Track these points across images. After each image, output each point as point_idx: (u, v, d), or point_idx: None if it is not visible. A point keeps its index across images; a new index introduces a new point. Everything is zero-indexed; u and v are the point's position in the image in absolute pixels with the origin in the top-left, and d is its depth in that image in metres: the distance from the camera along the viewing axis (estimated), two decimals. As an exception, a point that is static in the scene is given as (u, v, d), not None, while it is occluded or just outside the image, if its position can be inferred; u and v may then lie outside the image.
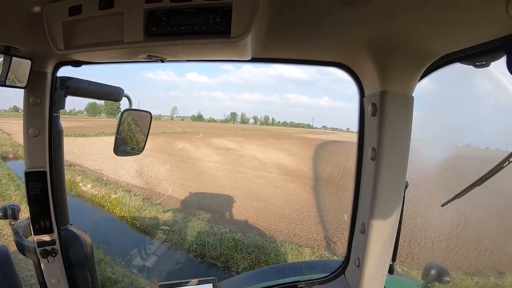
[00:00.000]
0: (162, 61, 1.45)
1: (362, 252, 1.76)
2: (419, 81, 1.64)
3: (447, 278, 2.37)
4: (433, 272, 2.35)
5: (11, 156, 22.07)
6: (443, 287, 2.55)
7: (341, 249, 9.96)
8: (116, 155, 2.32)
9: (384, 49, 1.53)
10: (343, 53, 1.73)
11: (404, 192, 1.76)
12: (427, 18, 1.26)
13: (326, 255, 9.75)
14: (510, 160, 1.62)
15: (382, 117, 1.59)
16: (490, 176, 1.76)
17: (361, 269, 1.78)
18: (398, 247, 1.89)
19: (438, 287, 2.47)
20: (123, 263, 8.56)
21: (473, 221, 12.39)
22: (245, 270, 8.66)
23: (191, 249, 9.72)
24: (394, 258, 1.91)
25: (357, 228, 1.85)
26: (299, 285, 2.26)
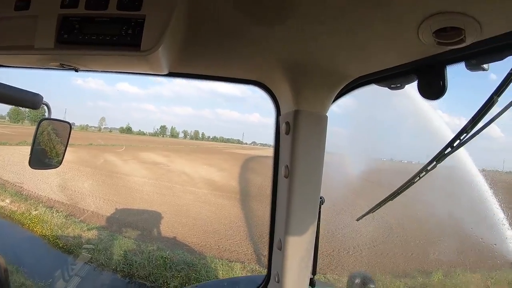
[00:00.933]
0: (76, 71, 1.39)
1: (280, 268, 1.76)
2: (334, 101, 1.70)
3: (372, 286, 2.47)
4: (357, 281, 2.44)
5: None
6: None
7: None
8: (32, 168, 2.22)
9: (298, 69, 1.56)
10: (259, 71, 1.76)
11: (320, 208, 1.82)
12: (341, 42, 1.32)
13: (257, 269, 9.82)
14: (420, 176, 1.71)
15: (295, 135, 1.61)
16: (402, 191, 1.85)
17: (281, 284, 1.77)
18: (322, 258, 1.97)
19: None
20: (45, 287, 8.03)
21: (397, 228, 13.13)
22: None
23: (118, 269, 9.32)
24: (314, 272, 1.97)
25: (275, 245, 1.86)
26: None
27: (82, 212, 13.80)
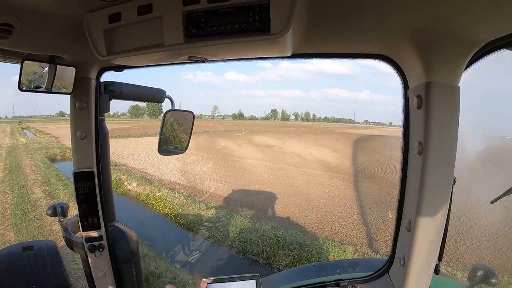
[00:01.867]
0: (203, 62, 1.48)
1: (407, 251, 1.70)
2: (464, 70, 1.56)
3: (494, 280, 2.25)
4: (479, 273, 2.25)
5: (59, 158, 23.38)
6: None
7: (384, 248, 9.78)
8: (160, 154, 2.36)
9: (427, 38, 1.46)
10: (384, 45, 1.68)
11: (452, 188, 1.68)
12: (472, 3, 1.21)
13: (369, 253, 9.57)
14: None
15: (428, 110, 1.52)
16: None
17: (406, 268, 1.72)
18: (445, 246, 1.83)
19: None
20: (166, 258, 8.76)
21: None
22: (286, 267, 8.64)
23: (233, 245, 9.81)
24: (440, 258, 1.82)
25: (402, 226, 1.78)
26: (342, 284, 2.20)
27: (201, 193, 14.75)
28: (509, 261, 9.28)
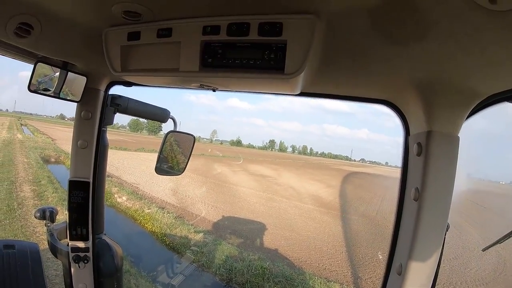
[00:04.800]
0: (214, 91, 1.51)
1: None
2: (465, 120, 1.60)
3: None
4: None
5: (52, 160, 23.41)
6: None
7: (372, 288, 9.62)
8: (157, 173, 2.40)
9: (431, 88, 1.51)
10: (390, 91, 1.73)
11: (445, 235, 1.69)
12: (476, 60, 1.25)
13: None
14: None
15: (428, 158, 1.55)
16: None
17: None
18: None
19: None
20: (148, 277, 8.62)
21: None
22: None
23: (217, 272, 9.62)
24: None
25: (393, 269, 1.77)
26: None
27: (191, 215, 14.62)
28: None
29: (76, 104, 2.07)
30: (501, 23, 1.02)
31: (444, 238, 1.68)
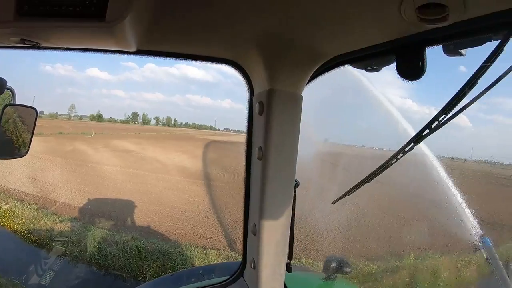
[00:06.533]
0: (38, 47, 1.31)
1: (256, 253, 1.76)
2: (309, 81, 1.66)
3: (348, 269, 2.55)
4: (333, 265, 2.51)
5: None
6: (345, 277, 2.79)
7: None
8: None
9: (274, 46, 1.51)
10: (233, 50, 1.69)
11: (295, 191, 1.80)
12: (320, 17, 1.26)
13: (233, 255, 9.90)
14: (397, 158, 1.65)
15: (269, 116, 1.57)
16: (379, 173, 1.80)
17: (258, 270, 1.78)
18: (296, 244, 1.95)
19: (339, 278, 2.70)
20: (20, 283, 7.91)
21: (369, 213, 13.37)
22: (152, 278, 8.38)
23: (93, 260, 9.25)
24: (290, 257, 1.96)
25: (249, 230, 1.84)
26: None
27: (54, 203, 13.53)
28: (362, 249, 10.66)
29: None
30: None
31: (294, 195, 1.80)
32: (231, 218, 12.94)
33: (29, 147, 2.20)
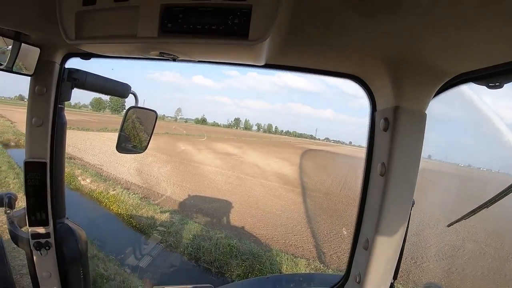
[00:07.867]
0: (174, 60, 1.41)
1: (364, 268, 1.72)
2: (433, 98, 1.61)
3: None
4: None
5: (12, 144, 22.22)
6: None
7: (337, 263, 9.91)
8: (118, 151, 2.29)
9: (400, 64, 1.50)
10: (358, 66, 1.70)
11: (411, 210, 1.71)
12: (447, 37, 1.24)
13: (321, 268, 9.65)
14: None
15: (394, 133, 1.56)
16: (499, 199, 1.69)
17: (362, 285, 1.73)
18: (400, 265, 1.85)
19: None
20: (116, 260, 8.49)
21: (470, 243, 12.25)
22: (238, 277, 8.62)
23: (185, 252, 9.65)
24: (395, 276, 1.87)
25: (360, 244, 1.80)
26: None
27: (157, 195, 14.46)
28: (457, 281, 9.73)
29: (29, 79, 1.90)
30: (476, 2, 1.01)
31: (410, 213, 1.70)
32: (325, 229, 12.73)
33: (147, 145, 2.39)
